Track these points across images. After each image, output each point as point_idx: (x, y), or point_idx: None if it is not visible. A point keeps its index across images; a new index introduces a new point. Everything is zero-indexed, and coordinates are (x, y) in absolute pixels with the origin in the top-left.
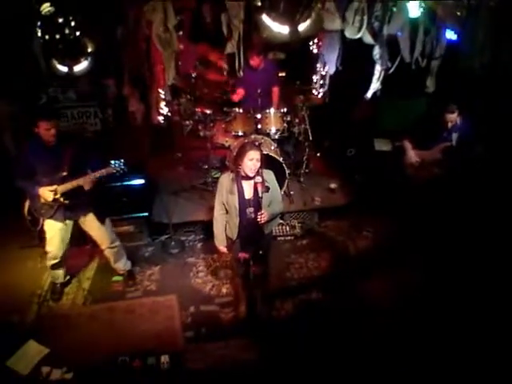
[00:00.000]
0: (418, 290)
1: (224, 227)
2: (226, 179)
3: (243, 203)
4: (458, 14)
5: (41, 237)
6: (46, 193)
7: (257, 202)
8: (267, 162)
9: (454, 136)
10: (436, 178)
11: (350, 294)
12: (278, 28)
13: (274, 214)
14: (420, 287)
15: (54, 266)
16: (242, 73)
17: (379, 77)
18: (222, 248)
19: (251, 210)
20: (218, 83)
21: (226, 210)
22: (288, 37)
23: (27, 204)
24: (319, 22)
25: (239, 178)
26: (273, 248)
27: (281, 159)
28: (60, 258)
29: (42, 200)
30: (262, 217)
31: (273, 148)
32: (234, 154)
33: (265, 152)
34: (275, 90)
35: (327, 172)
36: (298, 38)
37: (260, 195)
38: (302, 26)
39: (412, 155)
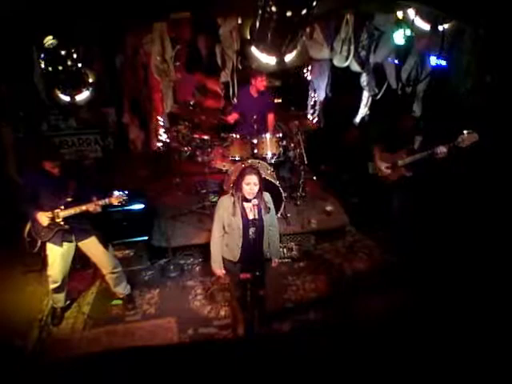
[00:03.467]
0: (415, 310)
1: (220, 251)
2: (226, 201)
3: (246, 224)
4: (437, 43)
5: (44, 261)
6: (43, 218)
7: (259, 223)
8: (264, 185)
9: (418, 139)
10: (404, 178)
11: (347, 316)
12: (266, 59)
13: (278, 245)
14: (416, 307)
15: (55, 290)
16: (235, 100)
17: (367, 103)
18: (219, 271)
19: (253, 230)
20: (215, 110)
21: (225, 232)
22: (275, 67)
23: (28, 226)
24: (304, 53)
25: (241, 200)
26: (270, 270)
27: (277, 183)
28: (61, 282)
29: (41, 224)
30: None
31: (269, 172)
32: (234, 178)
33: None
34: (270, 116)
35: (323, 195)
36: (285, 67)
37: (259, 216)
38: (289, 57)
39: (379, 160)
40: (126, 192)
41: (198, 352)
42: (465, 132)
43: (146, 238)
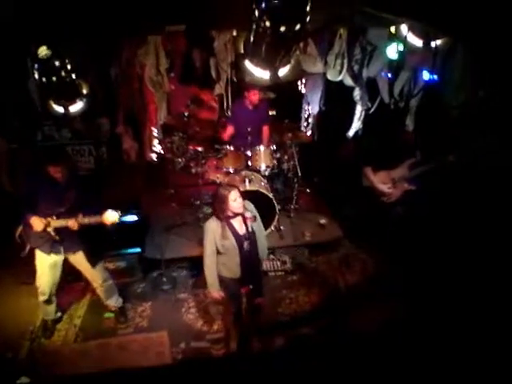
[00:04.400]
0: (410, 322)
1: (215, 270)
2: (213, 225)
3: (239, 240)
4: (430, 58)
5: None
6: (37, 223)
7: (250, 235)
8: (257, 198)
9: (418, 152)
10: (410, 192)
11: (341, 329)
12: (260, 73)
13: (265, 244)
14: (412, 320)
15: (44, 302)
16: (230, 112)
17: (360, 116)
18: (217, 294)
19: (247, 243)
20: (209, 122)
21: (219, 253)
22: (269, 81)
23: (20, 229)
24: (298, 68)
25: (228, 220)
26: (264, 283)
27: (271, 195)
28: (48, 294)
29: (33, 229)
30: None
31: (263, 184)
32: (217, 203)
33: (255, 188)
34: (265, 129)
35: (317, 207)
36: (278, 81)
37: (251, 228)
38: (282, 72)
39: (376, 181)
40: (120, 213)
41: (190, 370)
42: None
43: (139, 249)
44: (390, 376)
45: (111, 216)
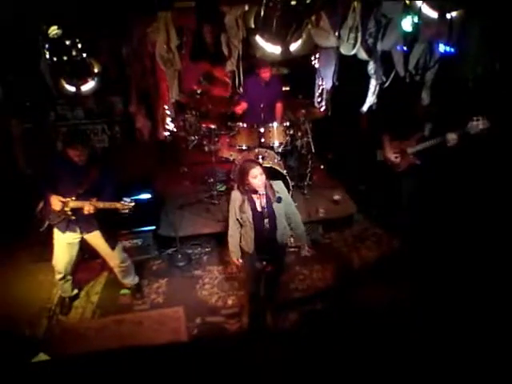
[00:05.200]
0: (424, 299)
1: (239, 241)
2: (236, 197)
3: (258, 216)
4: (445, 30)
5: (51, 251)
6: (56, 202)
7: (268, 213)
8: (271, 174)
9: (428, 126)
10: (415, 166)
11: (355, 305)
12: (271, 48)
13: (303, 230)
14: (425, 296)
15: (61, 280)
16: (241, 89)
17: (374, 91)
18: (236, 260)
19: (266, 220)
20: (222, 98)
21: (241, 224)
22: (280, 56)
23: (41, 204)
24: (310, 42)
25: (249, 194)
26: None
27: (284, 172)
28: (64, 273)
29: (52, 207)
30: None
31: (276, 161)
32: (238, 176)
33: (269, 165)
34: (279, 106)
35: (330, 184)
36: (290, 56)
37: (268, 205)
38: (294, 46)
39: (388, 149)
40: (133, 202)
41: (204, 347)
42: (474, 119)
43: (154, 227)
44: (402, 353)
45: (125, 204)
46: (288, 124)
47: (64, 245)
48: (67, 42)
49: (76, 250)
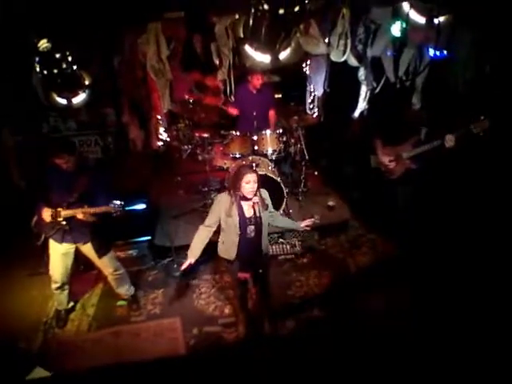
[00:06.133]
0: (419, 305)
1: (203, 243)
2: (224, 199)
3: (244, 222)
4: (434, 35)
5: (48, 264)
6: (47, 213)
7: (258, 221)
8: (265, 182)
9: (423, 130)
10: (411, 170)
11: (351, 311)
12: (260, 57)
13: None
14: (421, 301)
15: (57, 289)
16: (233, 98)
17: (365, 97)
18: (190, 259)
19: (251, 228)
20: (214, 107)
21: (222, 228)
22: (270, 65)
23: (35, 218)
24: (299, 50)
25: (238, 199)
26: (273, 267)
27: (278, 179)
28: (61, 282)
29: (44, 219)
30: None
31: (270, 168)
32: (232, 178)
33: (262, 172)
34: (271, 113)
35: (325, 190)
36: (280, 65)
37: (259, 214)
38: (283, 55)
39: (381, 154)
40: (122, 202)
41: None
42: (478, 118)
43: (149, 237)
44: (399, 358)
45: (116, 207)
46: (281, 131)
47: (60, 255)
48: (57, 55)
49: (71, 259)
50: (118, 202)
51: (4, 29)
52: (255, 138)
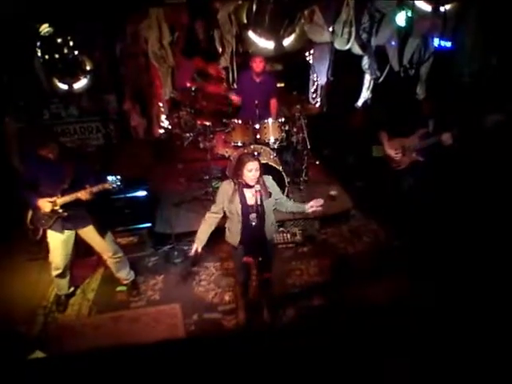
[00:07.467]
0: (420, 294)
1: (209, 230)
2: (227, 187)
3: (246, 210)
4: (439, 24)
5: (47, 249)
6: (45, 204)
7: (260, 208)
8: (267, 170)
9: (431, 122)
10: (417, 162)
11: (352, 300)
12: (264, 43)
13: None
14: (421, 291)
15: (58, 277)
16: (235, 85)
17: (369, 86)
18: (196, 246)
19: (254, 215)
20: (217, 95)
21: (225, 215)
22: (273, 52)
23: (29, 214)
24: (303, 37)
25: (241, 186)
26: (275, 255)
27: (280, 168)
28: (62, 268)
29: (42, 211)
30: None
31: (272, 157)
32: (233, 166)
33: (264, 161)
34: (273, 102)
35: (327, 179)
36: (283, 52)
37: (260, 202)
38: (287, 41)
39: (388, 146)
40: (119, 177)
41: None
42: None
43: (150, 224)
44: (400, 348)
45: (112, 182)
46: (283, 120)
47: (60, 242)
48: (59, 40)
49: (71, 245)
50: (114, 177)
51: (6, 14)
52: (257, 126)
